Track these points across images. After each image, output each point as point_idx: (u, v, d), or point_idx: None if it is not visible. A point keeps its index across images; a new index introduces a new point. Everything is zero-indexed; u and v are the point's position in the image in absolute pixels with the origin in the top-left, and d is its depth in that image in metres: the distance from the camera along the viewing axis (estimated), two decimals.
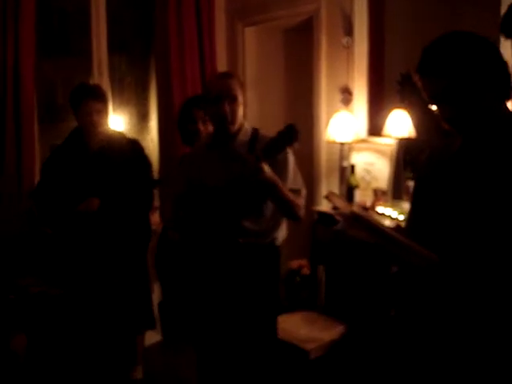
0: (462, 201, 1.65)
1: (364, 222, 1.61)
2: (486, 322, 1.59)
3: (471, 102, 1.61)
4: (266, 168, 2.46)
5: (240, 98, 2.73)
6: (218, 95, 2.70)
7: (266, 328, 2.83)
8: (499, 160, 1.59)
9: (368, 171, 3.99)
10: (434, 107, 1.68)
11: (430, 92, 1.66)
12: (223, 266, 2.72)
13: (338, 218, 1.62)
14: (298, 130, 2.41)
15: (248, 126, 2.83)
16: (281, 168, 2.64)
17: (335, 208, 1.76)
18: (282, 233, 2.85)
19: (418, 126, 3.82)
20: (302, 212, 2.73)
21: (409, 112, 3.83)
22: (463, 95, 1.60)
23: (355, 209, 1.65)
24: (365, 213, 1.71)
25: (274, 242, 2.82)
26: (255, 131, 2.80)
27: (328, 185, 4.32)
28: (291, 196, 2.65)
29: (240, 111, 2.74)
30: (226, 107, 2.68)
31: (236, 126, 2.74)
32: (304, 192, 2.77)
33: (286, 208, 2.70)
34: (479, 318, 1.60)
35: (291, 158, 2.73)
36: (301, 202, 2.72)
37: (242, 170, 2.49)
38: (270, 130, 2.69)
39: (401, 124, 3.83)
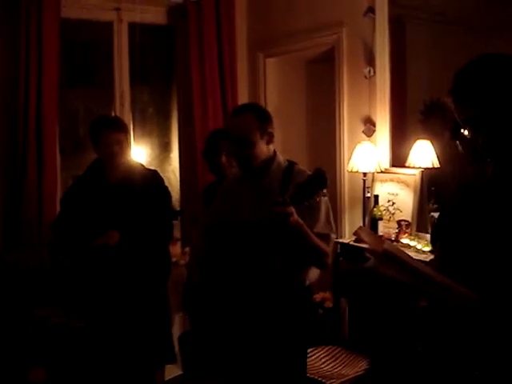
0: (498, 231, 1.58)
1: (396, 260, 1.55)
2: None
3: (505, 127, 1.56)
4: (294, 213, 2.38)
5: (253, 137, 2.61)
6: (230, 134, 2.66)
7: (295, 365, 2.74)
8: None
9: (392, 202, 3.93)
10: (466, 132, 1.63)
11: (464, 117, 1.61)
12: (254, 303, 2.61)
13: (369, 255, 1.56)
14: (327, 176, 2.34)
15: (281, 158, 2.73)
16: (312, 211, 2.55)
17: (365, 243, 1.70)
18: (312, 274, 2.75)
19: (442, 157, 3.76)
20: (329, 259, 2.64)
21: (432, 142, 3.78)
22: (497, 121, 1.55)
23: (387, 246, 1.58)
24: (397, 249, 1.63)
25: (305, 282, 2.73)
26: (290, 166, 2.69)
27: (351, 216, 4.26)
28: (318, 242, 2.55)
29: (256, 149, 2.62)
30: (237, 151, 2.64)
31: (259, 161, 2.65)
32: (333, 237, 2.67)
33: (312, 255, 2.61)
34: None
35: (324, 203, 2.63)
36: (328, 248, 2.62)
37: (270, 213, 2.41)
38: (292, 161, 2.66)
39: (424, 154, 3.78)
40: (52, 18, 4.05)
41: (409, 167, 3.86)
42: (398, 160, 4.02)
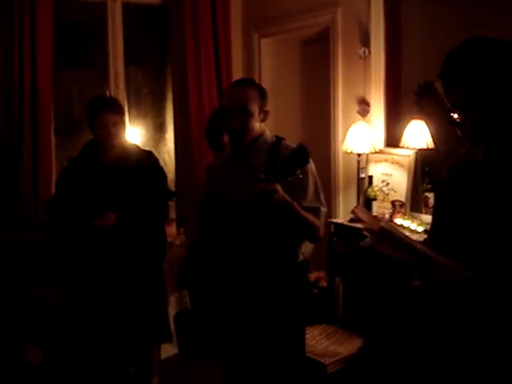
0: (490, 211, 1.60)
1: (393, 238, 1.57)
2: None
3: (495, 108, 1.57)
4: (280, 190, 2.39)
5: (253, 109, 2.64)
6: (228, 106, 2.66)
7: (293, 343, 2.78)
8: None
9: (386, 183, 3.95)
10: (455, 115, 1.64)
11: (453, 99, 1.62)
12: (249, 280, 2.63)
13: (365, 233, 1.58)
14: (310, 151, 2.34)
15: (269, 136, 2.74)
16: (299, 186, 2.56)
17: (362, 222, 1.71)
18: (304, 248, 2.76)
19: (436, 137, 3.77)
20: (320, 232, 2.64)
21: (427, 122, 3.79)
22: (487, 102, 1.56)
23: (383, 224, 1.60)
24: (393, 227, 1.65)
25: (298, 257, 2.74)
26: (277, 142, 2.70)
27: (345, 197, 4.29)
28: (308, 216, 2.56)
29: (252, 122, 2.65)
30: (234, 118, 2.63)
31: (250, 137, 2.67)
32: (323, 210, 2.66)
33: (302, 228, 2.62)
34: None
35: (312, 176, 2.63)
36: (318, 221, 2.62)
37: (254, 191, 2.41)
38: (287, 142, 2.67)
39: (418, 135, 3.79)
40: None
41: (403, 148, 3.87)
42: (393, 140, 4.03)
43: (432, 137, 3.79)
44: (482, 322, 1.58)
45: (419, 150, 3.82)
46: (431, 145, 3.79)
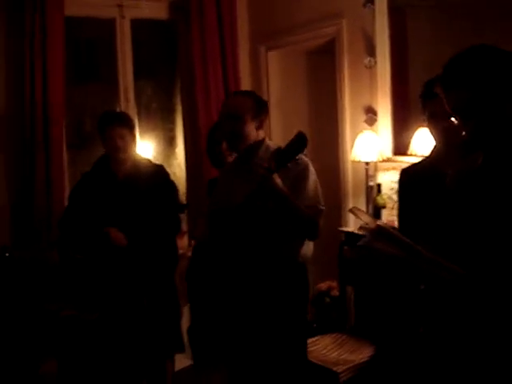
0: (489, 215, 1.63)
1: (389, 236, 1.60)
2: None
3: (494, 115, 1.60)
4: (277, 179, 2.47)
5: (245, 115, 2.71)
6: (221, 114, 2.77)
7: (295, 344, 2.81)
8: None
9: (395, 190, 3.96)
10: (455, 121, 1.67)
11: (453, 105, 1.65)
12: (251, 283, 2.68)
13: (363, 232, 1.61)
14: (307, 137, 2.42)
15: (271, 143, 2.83)
16: (298, 182, 2.62)
17: (360, 220, 1.76)
18: (305, 249, 2.79)
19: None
20: (318, 230, 2.68)
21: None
22: (486, 108, 1.59)
23: (380, 223, 1.63)
24: (389, 226, 1.69)
25: (295, 258, 2.77)
26: (279, 148, 2.72)
27: (355, 205, 4.27)
28: (306, 212, 2.61)
29: (245, 128, 2.72)
30: (226, 125, 2.72)
31: (247, 142, 2.75)
32: (322, 209, 2.70)
33: (300, 224, 2.66)
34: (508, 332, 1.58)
35: (312, 175, 2.69)
36: (316, 218, 2.67)
37: (253, 180, 2.49)
38: None
39: (426, 142, 3.80)
40: (56, 16, 4.11)
41: (411, 155, 3.89)
42: (401, 148, 4.05)
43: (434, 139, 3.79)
44: (478, 318, 1.61)
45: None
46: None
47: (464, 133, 1.66)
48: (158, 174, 3.61)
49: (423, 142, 3.81)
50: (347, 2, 4.24)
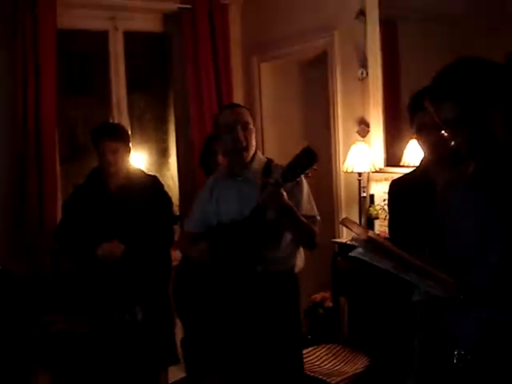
0: (479, 224, 1.65)
1: (380, 246, 1.61)
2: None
3: (483, 126, 1.62)
4: (284, 193, 2.50)
5: (251, 126, 2.78)
6: (231, 123, 2.75)
7: (290, 356, 2.82)
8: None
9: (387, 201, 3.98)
10: (445, 133, 1.69)
11: (443, 118, 1.67)
12: (243, 295, 2.70)
13: (354, 243, 1.62)
14: (315, 152, 2.42)
15: (261, 155, 2.88)
16: (295, 195, 2.66)
17: (351, 231, 1.77)
18: (300, 260, 2.84)
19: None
20: (316, 239, 2.74)
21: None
22: (475, 120, 1.61)
23: (371, 234, 1.64)
24: (380, 237, 1.70)
25: (292, 270, 2.81)
26: (269, 162, 2.83)
27: (348, 216, 4.30)
28: (306, 223, 2.66)
29: (253, 138, 2.78)
30: (240, 134, 2.72)
31: (250, 154, 2.78)
32: (318, 219, 2.78)
33: (302, 235, 2.71)
34: (502, 341, 1.59)
35: (306, 186, 2.75)
36: (315, 229, 2.73)
37: (261, 196, 2.50)
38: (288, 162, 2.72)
39: (418, 153, 3.81)
40: (48, 29, 4.12)
41: (403, 166, 3.91)
42: (393, 159, 4.07)
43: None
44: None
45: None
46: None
47: (453, 144, 1.68)
48: (151, 185, 3.61)
49: (415, 153, 3.83)
50: (339, 14, 4.27)
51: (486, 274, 1.61)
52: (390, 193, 2.63)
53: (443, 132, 1.72)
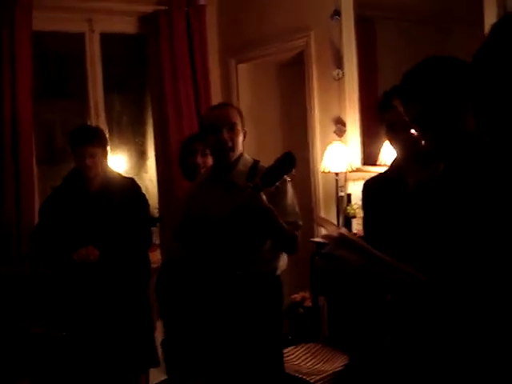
0: (447, 223, 1.67)
1: (351, 244, 1.63)
2: (477, 340, 1.60)
3: (450, 125, 1.64)
4: (264, 197, 2.49)
5: (239, 127, 2.78)
6: (216, 123, 2.75)
7: (271, 357, 2.83)
8: (480, 183, 1.62)
9: None
10: (415, 132, 1.72)
11: (412, 117, 1.69)
12: (225, 297, 2.70)
13: (325, 240, 1.63)
14: (295, 157, 2.44)
15: (248, 157, 2.86)
16: (279, 199, 2.66)
17: (325, 230, 1.78)
18: (282, 262, 2.85)
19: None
20: (297, 244, 2.74)
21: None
22: (442, 119, 1.63)
23: (343, 231, 1.66)
24: (351, 235, 1.72)
25: (274, 272, 2.82)
26: (256, 162, 2.82)
27: (326, 215, 4.33)
28: (286, 228, 2.65)
29: (239, 139, 2.78)
30: (226, 134, 2.72)
31: (236, 155, 2.78)
32: (300, 224, 2.77)
33: (282, 240, 2.71)
34: (468, 336, 1.61)
35: (290, 191, 2.74)
36: (297, 233, 2.73)
37: (240, 199, 2.51)
38: (267, 163, 2.73)
39: (394, 152, 3.85)
40: (24, 31, 4.09)
41: (380, 165, 3.94)
42: (370, 159, 4.10)
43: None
44: (439, 323, 1.64)
45: None
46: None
47: (424, 143, 1.70)
48: (128, 187, 3.60)
49: (392, 152, 3.86)
50: (315, 14, 4.29)
51: (453, 270, 1.64)
52: (363, 193, 2.66)
53: (413, 131, 1.74)
